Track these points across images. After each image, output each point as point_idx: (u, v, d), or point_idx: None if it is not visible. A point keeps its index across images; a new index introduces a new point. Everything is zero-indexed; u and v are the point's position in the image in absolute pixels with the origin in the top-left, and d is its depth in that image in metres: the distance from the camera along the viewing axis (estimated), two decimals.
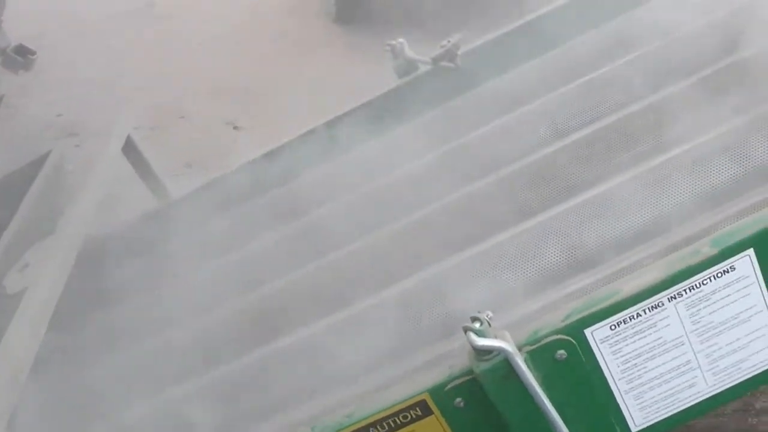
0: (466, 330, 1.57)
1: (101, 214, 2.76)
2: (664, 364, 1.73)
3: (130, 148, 3.11)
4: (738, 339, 1.73)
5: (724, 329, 1.72)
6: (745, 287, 1.70)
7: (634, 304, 1.67)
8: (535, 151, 2.25)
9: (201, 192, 2.96)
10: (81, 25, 7.50)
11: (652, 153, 2.05)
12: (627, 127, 2.14)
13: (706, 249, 1.66)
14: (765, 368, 1.76)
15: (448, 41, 2.69)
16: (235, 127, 5.37)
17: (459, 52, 2.68)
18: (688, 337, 1.72)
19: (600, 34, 2.57)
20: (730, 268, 1.68)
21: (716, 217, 1.80)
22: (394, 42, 2.82)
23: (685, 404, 1.76)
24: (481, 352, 1.59)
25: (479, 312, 1.61)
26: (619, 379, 1.72)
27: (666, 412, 1.72)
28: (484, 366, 1.60)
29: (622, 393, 1.73)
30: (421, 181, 2.35)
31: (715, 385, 1.75)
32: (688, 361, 1.73)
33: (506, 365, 1.58)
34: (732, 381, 1.75)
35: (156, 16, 7.73)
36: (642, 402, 1.74)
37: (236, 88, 5.94)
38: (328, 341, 1.98)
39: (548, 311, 1.74)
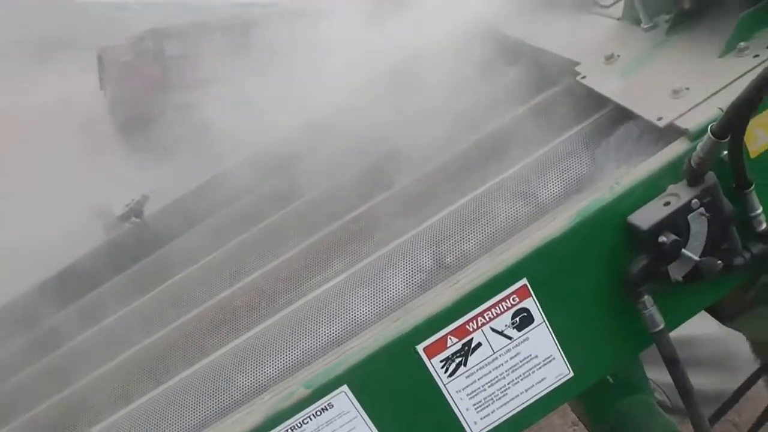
0: None
1: None
2: None
3: None
4: None
5: None
6: (348, 422, 1.75)
7: None
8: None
9: None
10: None
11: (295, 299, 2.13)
12: (282, 272, 2.23)
13: (300, 390, 1.72)
14: None
15: (132, 200, 2.76)
16: None
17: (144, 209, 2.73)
18: None
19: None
20: (328, 405, 1.73)
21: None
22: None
23: None
24: None
25: None
26: None
27: None
28: None
29: None
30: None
31: None
32: None
33: None
34: None
35: None
36: None
37: None
38: None
39: None
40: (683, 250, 1.75)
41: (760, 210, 1.82)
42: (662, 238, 1.73)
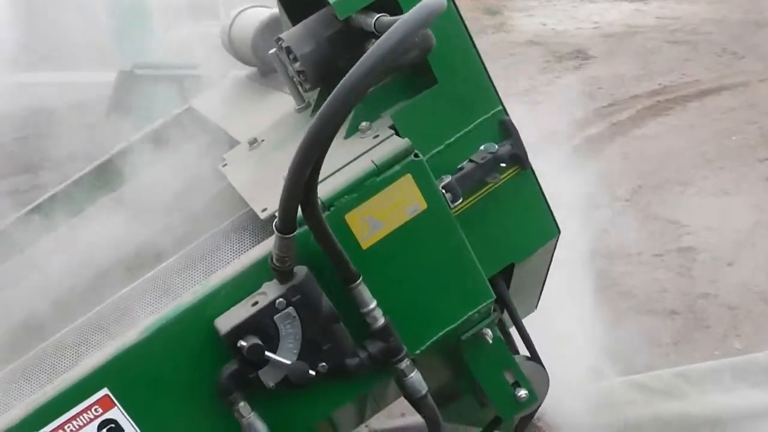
0: None
1: None
2: None
3: None
4: None
5: None
6: None
7: None
8: None
9: None
10: None
11: None
12: None
13: None
14: None
15: None
16: None
17: None
18: None
19: None
20: None
21: None
22: None
23: None
24: None
25: None
26: None
27: None
28: None
29: None
30: None
31: None
32: None
33: None
34: None
35: None
36: None
37: None
38: None
39: None
40: (271, 354, 1.61)
41: (372, 305, 1.68)
42: (241, 343, 1.59)
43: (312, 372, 1.64)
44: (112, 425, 1.65)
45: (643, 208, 5.33)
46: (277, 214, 1.55)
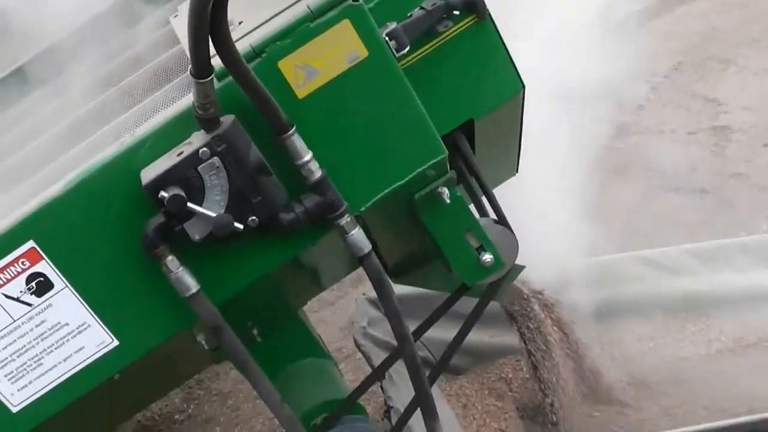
0: None
1: None
2: None
3: None
4: None
5: None
6: None
7: None
8: None
9: None
10: None
11: None
12: None
13: None
14: None
15: None
16: None
17: None
18: None
19: None
20: None
21: None
22: None
23: None
24: None
25: None
26: None
27: None
28: None
29: None
30: None
31: None
32: None
33: None
34: None
35: None
36: None
37: None
38: None
39: None
40: (194, 206, 1.55)
41: (307, 157, 1.60)
42: (162, 194, 1.53)
43: (239, 225, 1.57)
44: (41, 279, 1.63)
45: (681, 86, 5.11)
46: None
